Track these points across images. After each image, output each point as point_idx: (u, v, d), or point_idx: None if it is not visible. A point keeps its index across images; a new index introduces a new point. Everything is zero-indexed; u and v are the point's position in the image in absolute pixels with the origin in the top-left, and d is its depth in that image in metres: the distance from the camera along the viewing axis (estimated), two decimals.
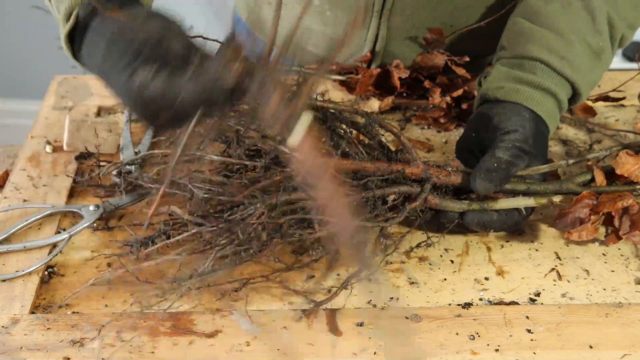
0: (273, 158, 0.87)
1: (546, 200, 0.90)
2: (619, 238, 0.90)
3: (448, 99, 1.11)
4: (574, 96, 0.98)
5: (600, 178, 0.91)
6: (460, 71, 1.11)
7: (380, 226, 0.87)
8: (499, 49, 1.02)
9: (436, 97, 1.11)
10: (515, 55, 0.98)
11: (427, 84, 1.12)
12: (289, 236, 0.83)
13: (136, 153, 1.02)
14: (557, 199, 0.90)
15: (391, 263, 0.89)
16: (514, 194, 0.90)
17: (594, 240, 0.92)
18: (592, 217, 0.89)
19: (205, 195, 0.84)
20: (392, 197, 0.88)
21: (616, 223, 0.90)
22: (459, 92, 1.10)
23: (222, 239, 0.82)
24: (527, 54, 0.97)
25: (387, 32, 1.13)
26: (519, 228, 0.94)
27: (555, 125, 0.97)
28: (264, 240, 0.82)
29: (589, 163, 0.95)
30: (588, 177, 0.93)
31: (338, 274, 0.88)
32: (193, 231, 0.82)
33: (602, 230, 0.92)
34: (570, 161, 0.94)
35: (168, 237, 0.84)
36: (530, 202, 0.89)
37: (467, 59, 1.11)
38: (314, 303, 0.83)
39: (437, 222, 0.91)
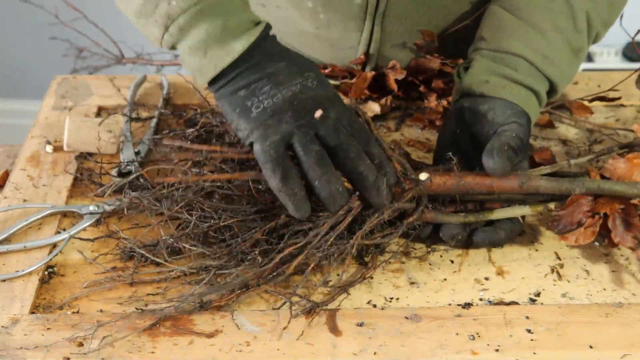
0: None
1: (542, 207, 0.89)
2: (614, 244, 0.89)
3: (444, 102, 1.10)
4: (550, 92, 0.98)
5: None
6: (450, 70, 1.10)
7: (378, 243, 0.87)
8: (477, 39, 1.00)
9: (432, 101, 1.11)
10: (497, 49, 0.97)
11: (422, 89, 1.12)
12: (287, 260, 0.83)
13: (136, 153, 1.02)
14: (553, 205, 0.90)
15: (391, 263, 0.89)
16: (509, 202, 0.90)
17: (594, 241, 0.92)
18: (588, 220, 0.89)
19: (203, 223, 0.85)
20: (386, 215, 0.87)
21: (610, 225, 0.88)
22: None
23: (220, 261, 0.83)
24: (510, 49, 0.96)
25: (381, 35, 1.13)
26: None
27: (534, 121, 0.97)
28: (262, 265, 0.82)
29: (589, 167, 0.94)
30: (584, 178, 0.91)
31: (338, 274, 0.88)
32: (192, 252, 0.83)
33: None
34: (572, 161, 0.93)
35: (170, 252, 0.85)
36: (526, 210, 0.89)
37: (461, 61, 1.11)
38: (314, 303, 0.83)
39: (438, 238, 0.90)
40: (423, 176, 0.88)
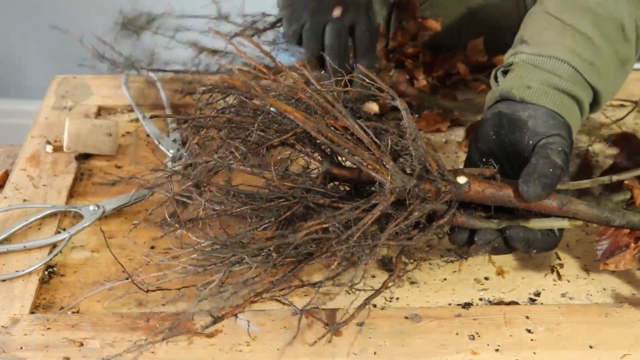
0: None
1: (581, 222, 0.83)
2: None
3: (432, 79, 1.06)
4: (592, 105, 0.93)
5: None
6: (432, 24, 1.06)
7: (404, 244, 0.81)
8: (518, 42, 0.95)
9: (421, 81, 1.06)
10: (540, 53, 0.91)
11: (408, 64, 1.07)
12: (303, 257, 0.78)
13: (174, 141, 1.03)
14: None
15: (408, 271, 0.88)
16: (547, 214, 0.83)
17: (636, 266, 0.89)
18: (632, 244, 0.83)
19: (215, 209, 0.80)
20: (416, 214, 0.80)
21: None
22: (442, 73, 1.07)
23: (230, 256, 0.77)
24: (553, 54, 0.91)
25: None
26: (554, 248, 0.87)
27: (575, 133, 0.91)
28: (275, 261, 0.77)
29: (626, 182, 0.88)
30: (627, 196, 0.86)
31: (338, 274, 0.87)
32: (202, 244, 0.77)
33: None
34: (614, 177, 0.87)
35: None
36: (564, 223, 0.83)
37: (439, 19, 1.08)
38: (314, 305, 0.83)
39: (469, 242, 0.85)
40: (461, 180, 0.82)
